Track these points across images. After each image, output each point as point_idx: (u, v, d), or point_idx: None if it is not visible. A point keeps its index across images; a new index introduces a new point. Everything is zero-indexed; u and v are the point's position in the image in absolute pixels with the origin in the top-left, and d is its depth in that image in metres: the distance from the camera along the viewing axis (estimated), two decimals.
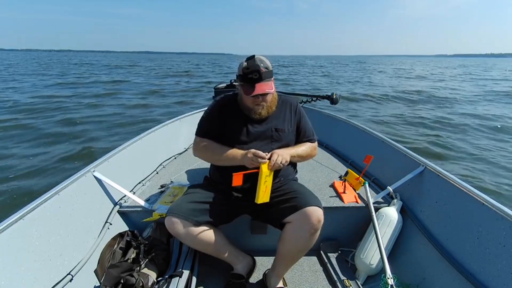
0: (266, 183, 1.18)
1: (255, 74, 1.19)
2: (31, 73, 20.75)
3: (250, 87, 1.21)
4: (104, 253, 1.29)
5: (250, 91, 1.20)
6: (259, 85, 1.20)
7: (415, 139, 5.67)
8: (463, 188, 1.31)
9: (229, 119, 1.34)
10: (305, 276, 1.45)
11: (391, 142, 1.98)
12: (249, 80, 1.21)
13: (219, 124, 1.34)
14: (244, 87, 1.23)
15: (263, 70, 1.21)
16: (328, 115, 2.91)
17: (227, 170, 1.33)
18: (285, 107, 1.41)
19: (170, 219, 1.18)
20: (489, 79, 21.86)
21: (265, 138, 1.33)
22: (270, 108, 1.32)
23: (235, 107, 1.36)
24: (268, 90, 1.22)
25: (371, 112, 8.61)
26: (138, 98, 10.38)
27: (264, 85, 1.21)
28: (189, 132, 2.62)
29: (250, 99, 1.26)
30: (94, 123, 6.50)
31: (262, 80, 1.21)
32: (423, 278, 1.29)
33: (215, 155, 1.32)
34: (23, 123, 6.22)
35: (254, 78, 1.20)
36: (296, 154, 1.33)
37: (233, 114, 1.34)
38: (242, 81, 1.25)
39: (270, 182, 1.20)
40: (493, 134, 6.19)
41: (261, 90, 1.20)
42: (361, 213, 1.59)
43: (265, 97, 1.27)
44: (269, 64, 1.26)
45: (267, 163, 1.17)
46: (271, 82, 1.25)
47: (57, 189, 1.24)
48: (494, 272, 1.05)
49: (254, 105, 1.28)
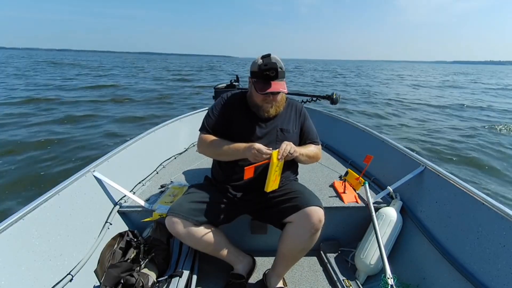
0: (276, 172, 1.19)
1: (272, 72, 1.20)
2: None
3: (265, 84, 1.21)
4: (104, 253, 1.29)
5: (265, 88, 1.21)
6: (275, 84, 1.21)
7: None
8: (463, 188, 1.31)
9: (236, 116, 1.34)
10: (305, 276, 1.45)
11: (391, 142, 1.98)
12: (265, 77, 1.21)
13: (225, 121, 1.34)
14: (259, 84, 1.23)
15: (279, 69, 1.22)
16: (328, 115, 2.91)
17: (230, 168, 1.34)
18: (291, 108, 1.42)
19: (171, 219, 1.18)
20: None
21: (270, 137, 1.34)
22: (278, 108, 1.33)
23: (243, 105, 1.36)
24: (282, 89, 1.23)
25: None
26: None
27: (279, 84, 1.22)
28: (189, 132, 2.62)
29: (261, 96, 1.26)
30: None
31: (278, 78, 1.22)
32: (423, 278, 1.29)
33: (218, 149, 1.31)
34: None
35: (271, 76, 1.20)
36: (304, 152, 1.32)
37: (240, 111, 1.34)
38: (257, 77, 1.25)
39: (279, 171, 1.22)
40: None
41: (276, 88, 1.21)
42: (361, 213, 1.59)
43: (275, 96, 1.28)
44: (283, 65, 1.27)
45: (277, 151, 1.16)
46: (283, 82, 1.26)
47: (57, 189, 1.24)
48: (494, 272, 1.05)
49: (264, 103, 1.28)
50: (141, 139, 1.99)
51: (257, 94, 1.26)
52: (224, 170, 1.36)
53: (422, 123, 7.77)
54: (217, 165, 1.42)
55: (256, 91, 1.24)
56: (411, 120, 8.14)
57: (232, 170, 1.33)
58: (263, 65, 1.20)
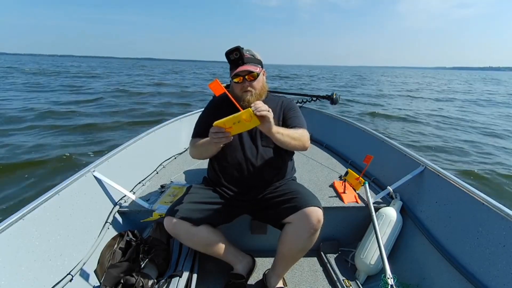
0: (240, 122, 1.03)
1: (236, 54, 1.22)
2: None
3: (235, 69, 1.24)
4: (104, 253, 1.29)
5: (233, 72, 1.24)
6: (242, 66, 1.24)
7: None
8: (463, 188, 1.31)
9: (221, 115, 1.33)
10: (305, 276, 1.45)
11: (391, 142, 1.98)
12: (232, 62, 1.24)
13: (210, 123, 1.33)
14: (231, 71, 1.27)
15: (247, 55, 1.24)
16: (328, 115, 2.91)
17: (222, 168, 1.34)
18: (275, 102, 1.39)
19: (169, 220, 1.18)
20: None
21: (253, 132, 1.33)
22: (259, 96, 1.31)
23: (228, 103, 1.35)
24: (251, 69, 1.24)
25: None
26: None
27: (247, 66, 1.24)
28: (189, 132, 2.61)
29: (238, 86, 1.28)
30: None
31: (245, 63, 1.24)
32: (423, 278, 1.29)
33: (199, 147, 1.32)
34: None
35: (236, 58, 1.22)
36: (284, 132, 1.18)
37: (226, 110, 1.34)
38: (230, 68, 1.28)
39: (247, 127, 1.06)
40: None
41: (242, 68, 1.23)
42: (361, 213, 1.59)
43: (252, 83, 1.28)
44: (256, 54, 1.30)
45: (247, 110, 1.01)
46: (256, 66, 1.28)
47: (57, 189, 1.24)
48: (494, 272, 1.05)
49: (242, 92, 1.28)
50: (141, 139, 1.99)
51: (235, 84, 1.28)
52: (216, 171, 1.37)
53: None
54: (211, 166, 1.43)
55: (233, 82, 1.28)
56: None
57: (224, 170, 1.34)
58: (227, 50, 1.22)
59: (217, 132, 1.07)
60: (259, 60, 1.31)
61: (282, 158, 1.36)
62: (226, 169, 1.33)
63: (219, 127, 1.06)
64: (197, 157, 1.39)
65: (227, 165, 1.32)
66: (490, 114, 10.58)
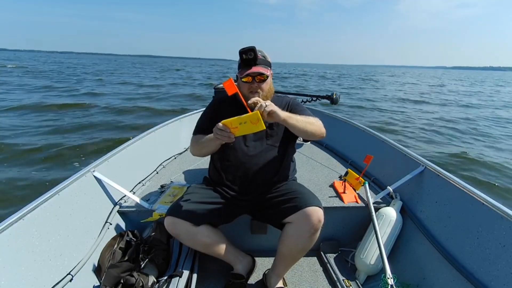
0: (246, 124, 1.04)
1: (250, 54, 1.22)
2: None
3: (246, 69, 1.24)
4: (104, 253, 1.29)
5: (244, 72, 1.23)
6: (255, 67, 1.23)
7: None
8: (463, 188, 1.31)
9: (226, 113, 1.34)
10: (305, 276, 1.45)
11: (391, 142, 1.98)
12: (244, 61, 1.24)
13: (214, 119, 1.34)
14: (242, 71, 1.26)
15: (259, 56, 1.24)
16: (328, 115, 2.91)
17: (224, 168, 1.34)
18: (280, 102, 1.40)
19: (170, 219, 1.19)
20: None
21: (259, 133, 1.31)
22: (266, 98, 1.30)
23: (233, 102, 1.35)
24: (262, 71, 1.24)
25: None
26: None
27: (259, 68, 1.24)
28: (189, 132, 2.61)
29: (246, 86, 1.27)
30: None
31: (257, 64, 1.24)
32: (423, 278, 1.29)
33: (200, 144, 1.31)
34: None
35: (250, 58, 1.22)
36: (297, 117, 1.19)
37: (231, 108, 1.34)
38: (240, 67, 1.28)
39: (252, 130, 1.07)
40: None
41: (255, 69, 1.23)
42: (361, 213, 1.59)
43: (260, 84, 1.28)
44: (267, 56, 1.30)
45: (255, 113, 1.02)
46: (267, 69, 1.28)
47: (57, 189, 1.24)
48: (494, 272, 1.05)
49: (250, 92, 1.28)
50: (141, 139, 1.99)
51: (243, 84, 1.27)
52: (218, 170, 1.36)
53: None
54: (212, 165, 1.42)
55: (241, 80, 1.27)
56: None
57: (226, 169, 1.34)
58: (241, 49, 1.22)
59: (221, 130, 1.09)
60: (269, 62, 1.31)
61: (285, 158, 1.36)
62: (228, 168, 1.33)
63: (225, 125, 1.08)
64: (197, 153, 1.38)
65: (230, 164, 1.32)
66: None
